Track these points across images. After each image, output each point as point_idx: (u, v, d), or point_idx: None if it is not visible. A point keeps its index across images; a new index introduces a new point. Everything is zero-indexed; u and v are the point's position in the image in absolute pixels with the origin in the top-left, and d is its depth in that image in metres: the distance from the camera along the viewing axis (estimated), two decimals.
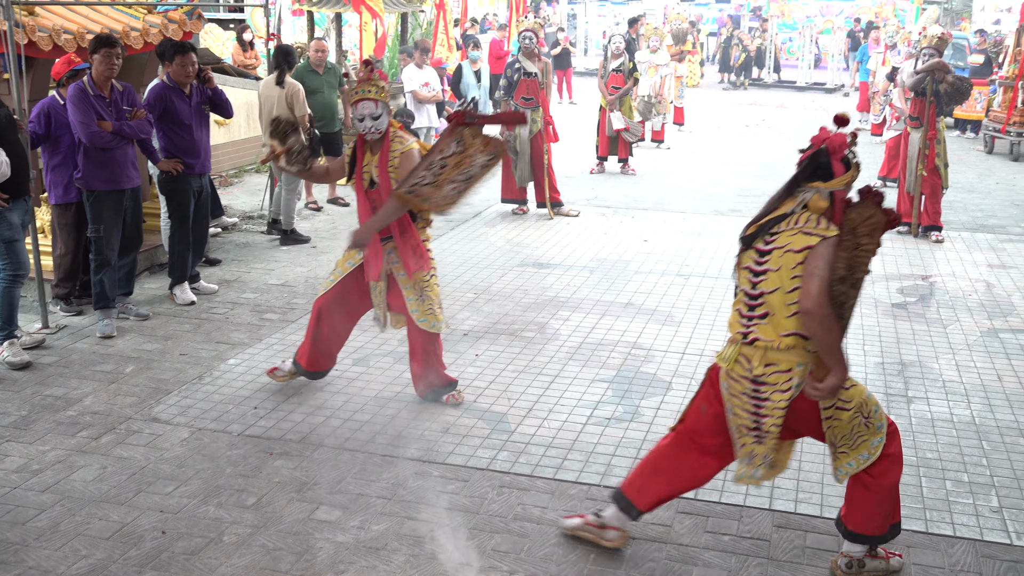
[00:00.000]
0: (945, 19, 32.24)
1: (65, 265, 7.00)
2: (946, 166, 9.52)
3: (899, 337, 6.72)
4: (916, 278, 8.18)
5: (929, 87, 9.28)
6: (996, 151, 15.39)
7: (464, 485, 4.62)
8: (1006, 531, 4.26)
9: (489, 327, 6.86)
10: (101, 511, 4.35)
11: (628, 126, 12.79)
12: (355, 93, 5.23)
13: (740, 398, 3.81)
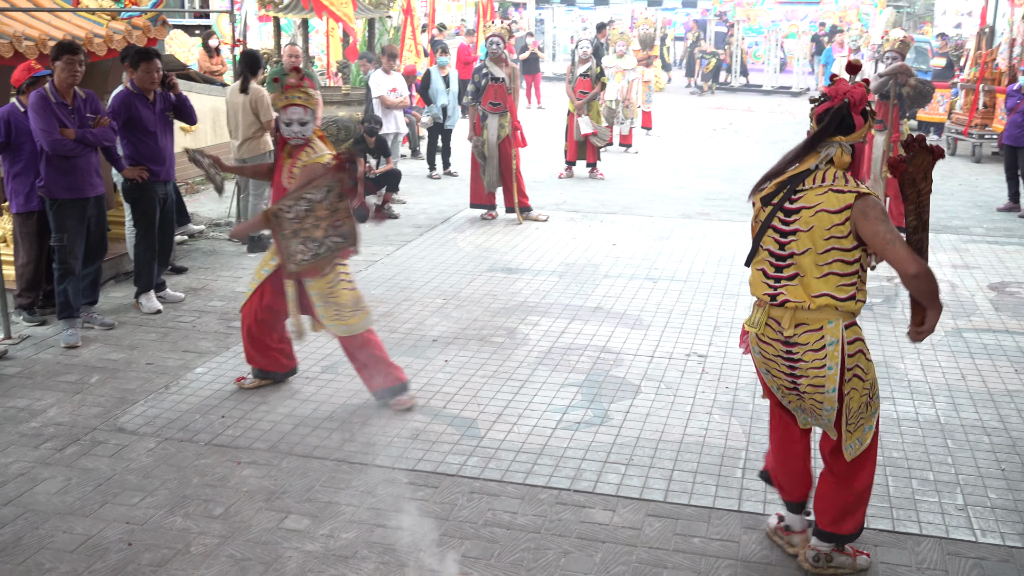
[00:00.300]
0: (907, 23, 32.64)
1: (27, 275, 6.91)
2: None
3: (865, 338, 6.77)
4: (881, 279, 8.26)
5: (892, 90, 9.38)
6: (958, 153, 15.59)
7: (434, 492, 4.61)
8: (971, 528, 4.30)
9: (458, 333, 6.84)
10: (66, 524, 4.29)
11: (596, 131, 12.84)
12: (284, 98, 5.35)
13: (775, 360, 3.82)
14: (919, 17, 33.60)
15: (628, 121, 15.30)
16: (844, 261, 3.62)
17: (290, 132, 5.37)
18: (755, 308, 3.88)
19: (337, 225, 5.21)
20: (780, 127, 19.14)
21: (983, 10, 18.21)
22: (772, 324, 3.78)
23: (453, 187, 12.47)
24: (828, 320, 3.68)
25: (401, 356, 6.33)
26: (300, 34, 12.63)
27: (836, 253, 3.62)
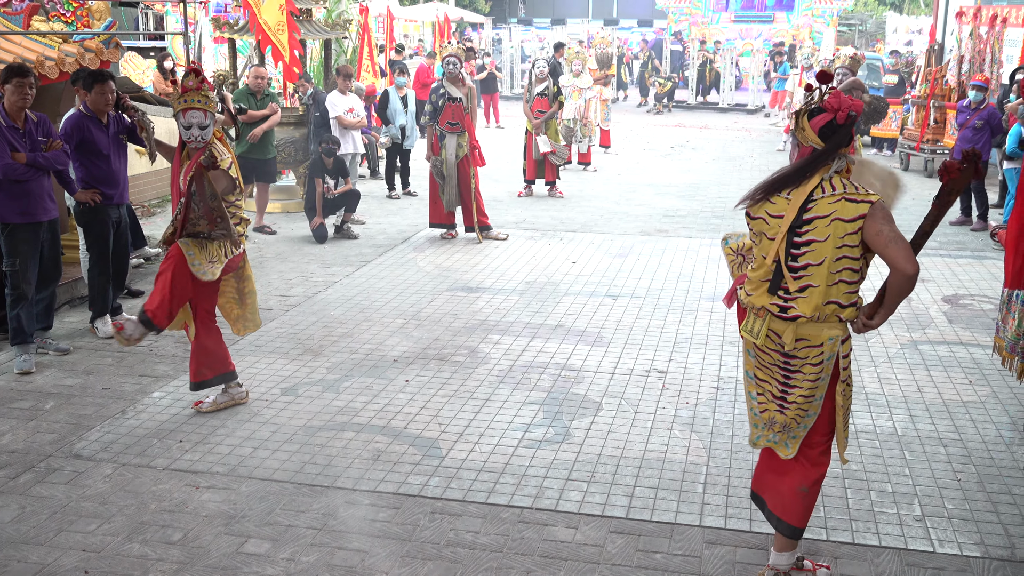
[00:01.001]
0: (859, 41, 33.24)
1: None
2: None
3: None
4: None
5: None
6: (911, 168, 15.87)
7: (396, 513, 4.59)
8: (929, 539, 4.36)
9: (419, 352, 6.83)
10: (20, 552, 4.22)
11: (554, 149, 12.92)
12: (182, 101, 5.34)
13: (771, 368, 3.90)
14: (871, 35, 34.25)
15: (586, 139, 15.42)
16: (852, 269, 3.69)
17: (189, 136, 5.36)
18: (753, 318, 3.88)
19: (218, 223, 5.45)
20: (736, 144, 19.38)
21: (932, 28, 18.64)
22: (772, 336, 3.82)
23: (412, 207, 12.47)
24: (828, 337, 3.73)
25: (361, 377, 6.32)
26: (256, 55, 12.59)
27: (846, 261, 3.67)
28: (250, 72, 10.78)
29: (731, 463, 5.11)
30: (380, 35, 19.52)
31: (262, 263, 9.44)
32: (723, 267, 9.21)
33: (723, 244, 4.36)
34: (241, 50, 14.98)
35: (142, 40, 18.46)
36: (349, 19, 15.12)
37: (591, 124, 15.43)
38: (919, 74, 16.94)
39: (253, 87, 10.51)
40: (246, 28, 11.80)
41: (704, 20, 29.38)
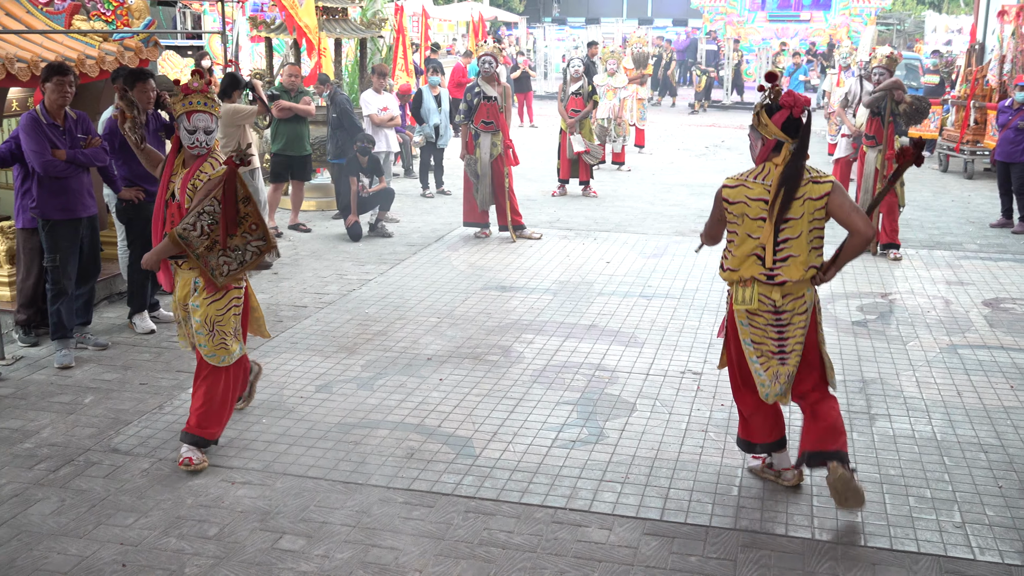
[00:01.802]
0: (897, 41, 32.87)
1: (27, 291, 6.88)
2: (902, 185, 9.67)
3: (860, 355, 6.80)
4: (876, 296, 8.30)
5: (887, 106, 9.44)
6: (950, 169, 15.69)
7: (429, 511, 4.60)
8: (969, 546, 4.30)
9: (453, 351, 6.85)
10: (60, 545, 4.27)
11: (588, 149, 12.89)
12: (187, 103, 4.92)
13: (764, 329, 4.54)
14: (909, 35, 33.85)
15: (620, 139, 15.37)
16: (820, 237, 4.46)
17: (193, 140, 4.92)
18: (740, 288, 4.54)
19: (252, 230, 4.93)
20: None
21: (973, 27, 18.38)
22: (763, 299, 4.49)
23: (446, 206, 12.50)
24: (806, 288, 4.48)
25: (395, 375, 6.35)
26: (292, 54, 12.67)
27: (816, 231, 4.43)
28: (284, 70, 10.86)
29: None
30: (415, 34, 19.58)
31: (297, 261, 9.50)
32: None
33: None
34: (277, 49, 15.08)
35: (179, 39, 18.64)
36: (384, 18, 15.18)
37: (625, 123, 15.39)
38: (959, 74, 16.73)
39: (288, 85, 10.59)
40: (283, 27, 11.88)
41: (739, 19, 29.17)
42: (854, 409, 5.84)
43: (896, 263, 9.43)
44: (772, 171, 4.47)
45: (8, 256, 7.30)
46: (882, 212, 9.61)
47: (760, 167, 4.56)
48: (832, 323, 7.47)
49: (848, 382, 6.28)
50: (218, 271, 4.90)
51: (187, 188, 4.92)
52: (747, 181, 4.53)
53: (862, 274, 8.99)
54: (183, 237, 4.77)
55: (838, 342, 7.05)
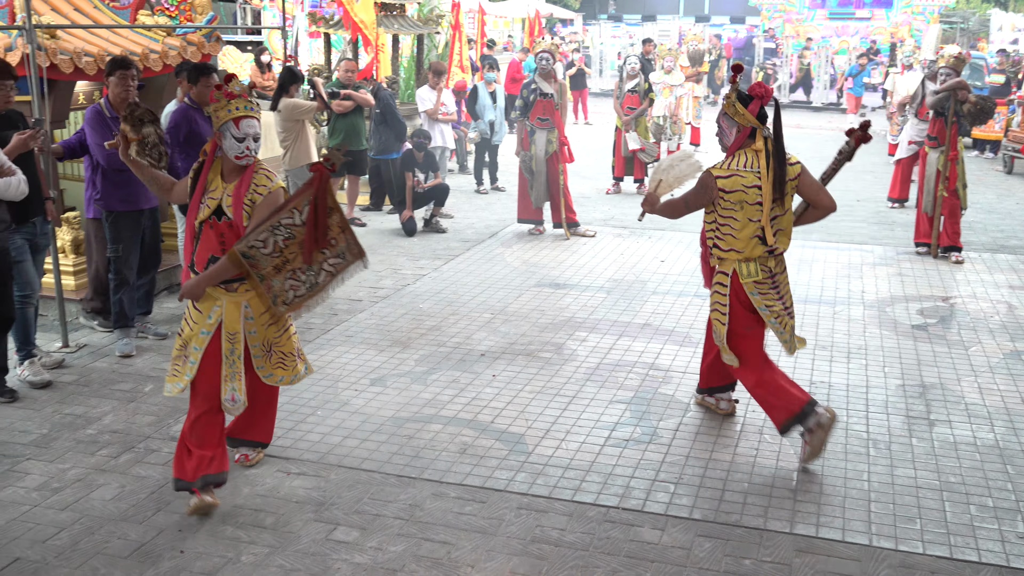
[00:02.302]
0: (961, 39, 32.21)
1: (98, 280, 7.04)
2: (965, 186, 9.48)
3: (920, 359, 6.69)
4: (936, 299, 8.15)
5: (951, 106, 9.26)
6: (1016, 171, 15.35)
7: (482, 507, 4.61)
8: None
9: (506, 348, 6.86)
10: (120, 530, 4.36)
11: (644, 146, 12.82)
12: (234, 108, 4.35)
13: (769, 294, 5.07)
14: (973, 33, 33.14)
15: (676, 137, 15.25)
16: (791, 210, 5.09)
17: (241, 150, 4.34)
18: (744, 264, 5.05)
19: (332, 244, 4.42)
20: (831, 144, 18.95)
21: None
22: (763, 268, 5.05)
23: (500, 202, 12.52)
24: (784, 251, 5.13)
25: (449, 370, 6.37)
26: (350, 50, 12.77)
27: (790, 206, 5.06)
28: (341, 65, 10.94)
29: (823, 470, 5.00)
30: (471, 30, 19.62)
31: None
32: (815, 269, 9.03)
33: None
34: (335, 44, 15.21)
35: (240, 34, 18.89)
36: (441, 14, 15.22)
37: (681, 121, 15.27)
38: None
39: (344, 80, 10.66)
40: (341, 23, 11.98)
41: (799, 17, 28.77)
42: (913, 414, 5.74)
43: (958, 266, 9.25)
44: (753, 158, 4.94)
45: (74, 245, 7.45)
46: (944, 214, 9.43)
47: (741, 156, 4.98)
48: (892, 327, 7.36)
49: (908, 387, 6.18)
50: (281, 297, 4.35)
51: (244, 203, 4.36)
52: (739, 171, 4.94)
53: (923, 277, 8.83)
54: (249, 256, 4.21)
55: (897, 345, 6.93)
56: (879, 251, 9.86)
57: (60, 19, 7.40)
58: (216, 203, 4.40)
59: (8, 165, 5.58)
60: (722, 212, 5.02)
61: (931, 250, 9.58)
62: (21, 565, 4.07)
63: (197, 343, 4.46)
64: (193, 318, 4.50)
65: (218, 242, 4.40)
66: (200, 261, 4.46)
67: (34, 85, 6.34)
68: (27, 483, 4.79)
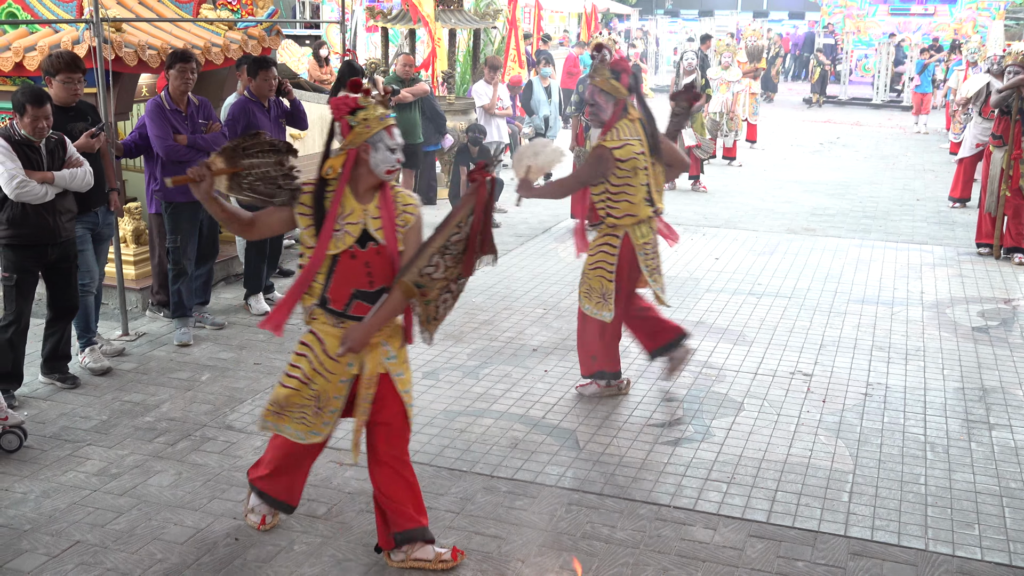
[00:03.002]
0: None
1: (163, 273, 7.16)
2: None
3: (980, 362, 6.54)
4: (998, 301, 7.97)
5: (1015, 104, 9.04)
6: None
7: (532, 501, 4.61)
8: None
9: (558, 343, 6.84)
10: (176, 516, 4.43)
11: (699, 143, 12.70)
12: (383, 118, 3.78)
13: (650, 254, 5.65)
14: None
15: (732, 134, 15.09)
16: (660, 171, 5.63)
17: (393, 162, 3.78)
18: (636, 228, 5.52)
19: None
20: (890, 142, 18.64)
21: None
22: (651, 230, 5.63)
23: None
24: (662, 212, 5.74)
25: (501, 364, 6.37)
26: (407, 44, 12.83)
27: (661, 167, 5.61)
28: (399, 60, 11.00)
29: (879, 472, 4.92)
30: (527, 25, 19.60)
31: None
32: (873, 269, 8.88)
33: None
34: (392, 39, 15.29)
35: (299, 28, 19.08)
36: (498, 9, 15.23)
37: (738, 118, 15.10)
38: None
39: (402, 74, 10.71)
40: (399, 17, 12.04)
41: (859, 12, 28.30)
42: (973, 418, 5.62)
43: (1021, 268, 9.03)
44: (632, 127, 5.41)
45: (135, 236, 7.58)
46: (1007, 214, 9.22)
47: (622, 127, 5.39)
48: (951, 328, 7.21)
49: (967, 390, 6.05)
50: (437, 318, 3.93)
51: (396, 225, 3.84)
52: (628, 140, 5.37)
53: (984, 279, 8.64)
54: (423, 285, 3.75)
55: (957, 348, 6.79)
56: (939, 251, 9.67)
57: (126, 13, 7.52)
58: (358, 228, 3.77)
59: (76, 156, 5.69)
60: (616, 182, 5.40)
61: (993, 251, 9.37)
62: (81, 548, 4.16)
63: (337, 393, 3.92)
64: (328, 368, 3.87)
65: (364, 273, 3.79)
66: (339, 298, 3.80)
67: (100, 78, 6.46)
68: (87, 468, 4.88)
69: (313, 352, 3.89)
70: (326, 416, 3.96)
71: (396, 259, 3.82)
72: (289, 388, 3.93)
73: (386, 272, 3.82)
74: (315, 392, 3.91)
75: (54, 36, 7.01)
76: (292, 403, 3.95)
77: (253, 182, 3.86)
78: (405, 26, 12.21)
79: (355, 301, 3.81)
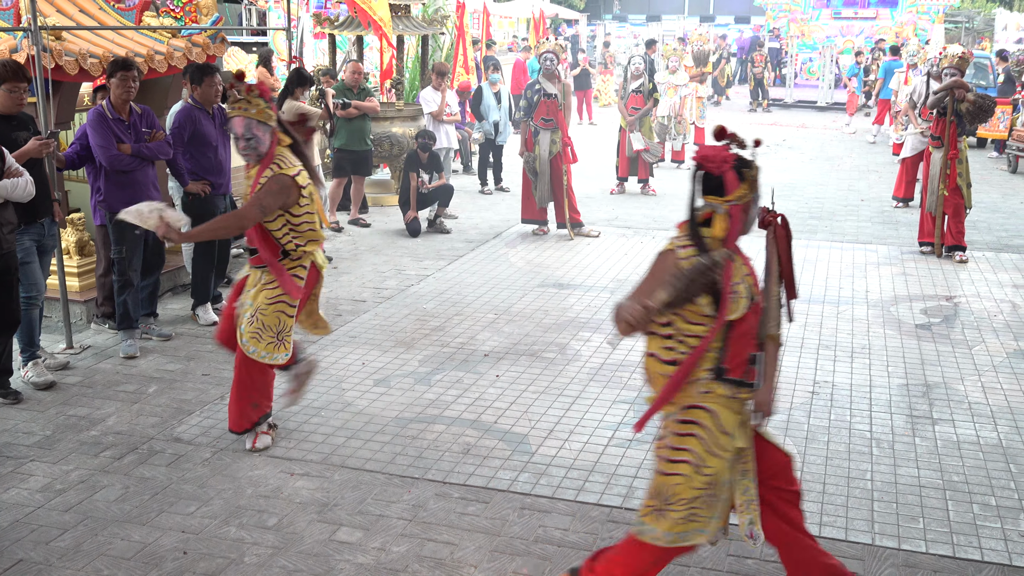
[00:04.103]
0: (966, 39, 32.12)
1: (107, 285, 7.06)
2: (968, 186, 9.46)
3: (923, 358, 6.67)
4: (940, 299, 8.12)
5: (950, 106, 9.23)
6: (1020, 170, 15.29)
7: (485, 507, 4.60)
8: None
9: (510, 348, 6.85)
10: (123, 531, 4.36)
11: (648, 147, 12.81)
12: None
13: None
14: (978, 32, 33.06)
15: (680, 137, 15.24)
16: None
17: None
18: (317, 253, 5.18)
19: None
20: (835, 143, 18.92)
21: None
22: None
23: (504, 202, 12.51)
24: None
25: (452, 370, 6.36)
26: (355, 51, 12.76)
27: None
28: (347, 67, 10.95)
29: (826, 469, 4.99)
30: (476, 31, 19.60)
31: (356, 255, 9.57)
32: (819, 268, 9.01)
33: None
34: (340, 46, 15.20)
35: (245, 35, 18.90)
36: (446, 15, 15.22)
37: (686, 122, 15.24)
38: None
39: (350, 82, 10.67)
40: (346, 23, 11.97)
41: (803, 16, 28.66)
42: (917, 414, 5.72)
43: (962, 265, 9.22)
44: (287, 152, 5.03)
45: (79, 247, 7.46)
46: (947, 213, 9.41)
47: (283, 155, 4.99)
48: (895, 326, 7.34)
49: (911, 386, 6.16)
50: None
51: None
52: (296, 165, 5.01)
53: (927, 276, 8.80)
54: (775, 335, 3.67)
55: (901, 345, 6.91)
56: (883, 250, 9.83)
57: (65, 20, 7.40)
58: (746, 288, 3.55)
59: (16, 167, 5.59)
60: (298, 211, 5.02)
61: (935, 249, 9.55)
62: (24, 567, 4.07)
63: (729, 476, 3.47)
64: (721, 445, 3.40)
65: (752, 335, 3.55)
66: (738, 366, 3.44)
67: (39, 87, 6.34)
68: (30, 485, 4.79)
69: (705, 430, 3.40)
70: (718, 507, 3.47)
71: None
72: (677, 476, 3.40)
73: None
74: (710, 478, 3.40)
75: None
76: (678, 495, 3.40)
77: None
78: (353, 32, 12.15)
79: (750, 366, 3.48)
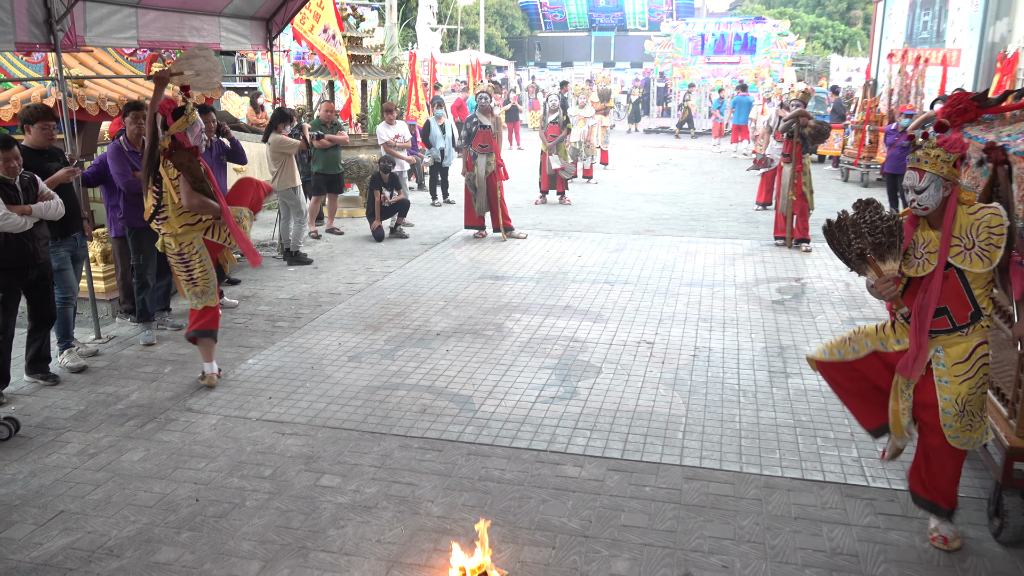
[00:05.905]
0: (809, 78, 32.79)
1: (127, 286, 6.91)
2: (812, 192, 9.68)
3: (778, 327, 6.82)
4: (791, 280, 8.31)
5: (796, 130, 9.45)
6: (850, 180, 15.69)
7: (439, 454, 4.61)
8: (864, 476, 4.33)
9: (457, 328, 6.84)
10: (146, 485, 4.28)
11: (564, 166, 12.87)
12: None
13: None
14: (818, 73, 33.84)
15: (589, 158, 15.33)
16: None
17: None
18: (190, 232, 5.30)
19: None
20: (709, 162, 19.22)
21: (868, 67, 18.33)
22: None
23: (451, 212, 12.46)
24: None
25: (411, 347, 6.34)
26: (327, 93, 12.60)
27: None
28: (321, 106, 10.81)
29: (705, 415, 5.09)
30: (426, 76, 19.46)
31: (332, 258, 9.47)
32: (699, 259, 9.15)
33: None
34: (315, 89, 14.99)
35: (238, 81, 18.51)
36: (400, 63, 15.08)
37: (593, 146, 15.34)
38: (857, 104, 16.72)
39: (324, 119, 10.54)
40: (321, 71, 11.81)
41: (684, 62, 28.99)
42: (774, 370, 5.85)
43: (807, 254, 9.44)
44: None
45: (103, 256, 7.27)
46: (796, 214, 9.61)
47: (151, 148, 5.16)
48: (757, 302, 7.49)
49: (769, 348, 6.30)
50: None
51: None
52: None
53: (780, 263, 9.00)
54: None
55: (761, 317, 7.06)
56: (747, 244, 10.02)
57: (87, 71, 7.19)
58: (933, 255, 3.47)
59: (47, 191, 5.42)
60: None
61: (786, 242, 9.76)
62: (64, 516, 3.98)
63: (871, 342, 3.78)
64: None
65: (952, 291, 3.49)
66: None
67: (66, 125, 6.16)
68: (68, 450, 4.67)
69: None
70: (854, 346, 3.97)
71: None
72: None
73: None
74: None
75: (24, 91, 6.66)
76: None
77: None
78: (325, 78, 11.99)
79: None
